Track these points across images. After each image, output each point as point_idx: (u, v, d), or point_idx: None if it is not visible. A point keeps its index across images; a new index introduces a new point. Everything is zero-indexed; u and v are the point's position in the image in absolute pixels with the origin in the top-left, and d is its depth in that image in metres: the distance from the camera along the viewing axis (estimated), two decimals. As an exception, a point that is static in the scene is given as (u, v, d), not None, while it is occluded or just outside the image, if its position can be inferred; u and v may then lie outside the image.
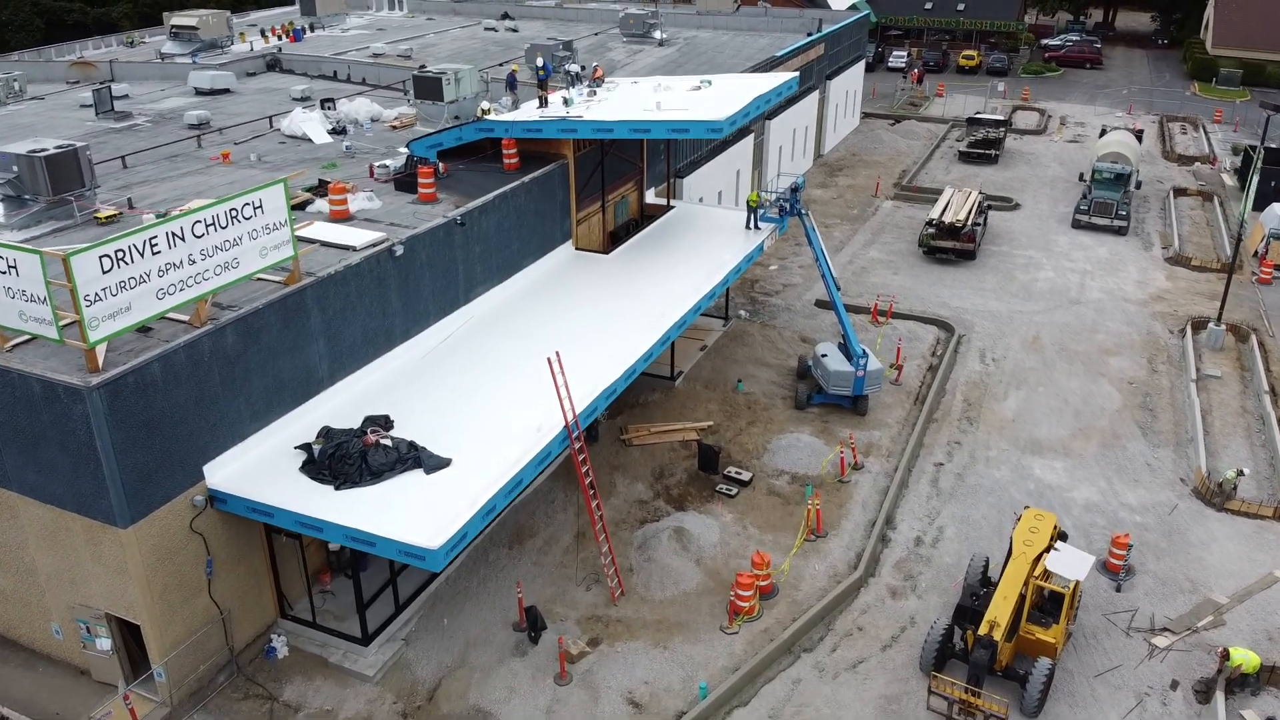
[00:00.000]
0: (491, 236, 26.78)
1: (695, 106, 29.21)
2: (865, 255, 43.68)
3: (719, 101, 29.78)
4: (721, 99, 30.04)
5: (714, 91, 31.67)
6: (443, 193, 27.57)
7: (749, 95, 29.31)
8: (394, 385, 22.70)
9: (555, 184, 29.64)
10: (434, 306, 24.81)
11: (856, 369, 29.10)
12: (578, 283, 28.81)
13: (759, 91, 29.70)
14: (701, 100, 30.41)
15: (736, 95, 30.04)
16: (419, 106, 36.07)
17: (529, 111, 30.63)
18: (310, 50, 49.80)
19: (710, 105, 29.38)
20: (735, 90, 31.62)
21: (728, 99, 29.53)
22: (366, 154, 32.03)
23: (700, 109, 28.72)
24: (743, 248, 32.08)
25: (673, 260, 31.03)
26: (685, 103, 29.88)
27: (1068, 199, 51.54)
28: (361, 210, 26.08)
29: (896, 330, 35.77)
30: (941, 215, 42.31)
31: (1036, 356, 34.41)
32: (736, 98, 29.23)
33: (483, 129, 29.67)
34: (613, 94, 32.75)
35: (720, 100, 29.93)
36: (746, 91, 30.24)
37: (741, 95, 29.66)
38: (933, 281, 40.68)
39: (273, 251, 20.21)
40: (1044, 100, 74.07)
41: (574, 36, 54.31)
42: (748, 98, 28.86)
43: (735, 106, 27.91)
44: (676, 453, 28.02)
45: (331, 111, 36.08)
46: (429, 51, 50.07)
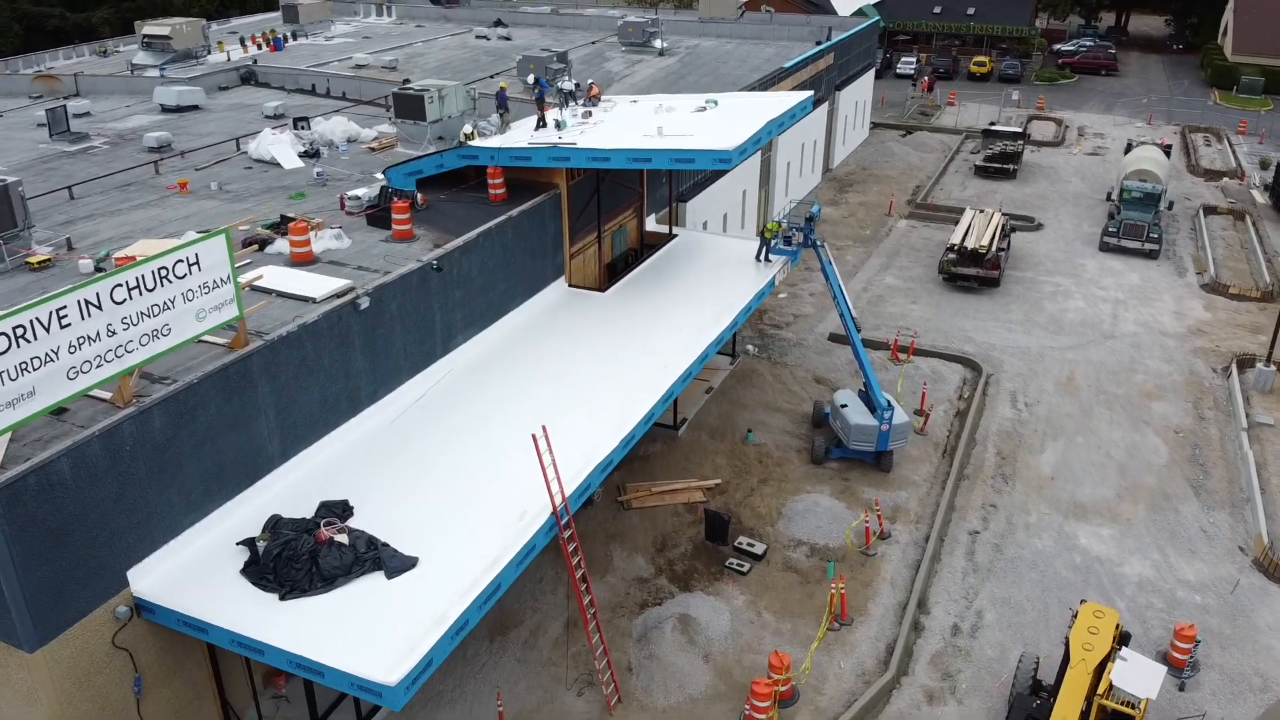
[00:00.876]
0: (474, 278, 23.92)
1: (700, 131, 26.37)
2: (881, 281, 40.81)
3: (727, 126, 26.95)
4: (729, 122, 27.20)
5: (720, 113, 28.84)
6: (421, 228, 24.76)
7: (760, 119, 26.44)
8: (357, 459, 19.82)
9: (546, 216, 26.79)
10: (406, 362, 21.94)
11: (880, 422, 26.23)
12: (571, 327, 25.94)
13: (771, 115, 26.84)
14: (707, 124, 27.59)
15: (746, 118, 27.17)
16: (399, 126, 33.19)
17: (516, 136, 27.80)
18: (290, 61, 46.95)
19: (717, 130, 26.55)
20: (744, 111, 28.78)
21: (736, 123, 26.68)
22: (340, 181, 29.17)
23: (706, 134, 25.88)
24: (753, 283, 29.21)
25: (676, 298, 28.16)
26: (689, 126, 27.04)
27: (1092, 218, 48.69)
28: (327, 251, 23.23)
29: (919, 370, 32.91)
30: (963, 240, 39.44)
31: (1072, 401, 31.54)
32: (746, 122, 26.36)
33: (465, 156, 26.84)
34: (610, 114, 29.93)
35: (728, 124, 27.09)
36: (757, 114, 27.37)
37: (751, 119, 26.78)
38: (954, 312, 37.81)
39: (212, 314, 17.34)
40: (1060, 109, 71.22)
41: (570, 45, 51.49)
42: (759, 122, 25.99)
43: (745, 133, 25.05)
44: (681, 518, 25.16)
45: (305, 132, 33.21)
46: (416, 62, 47.21)
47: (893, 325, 36.34)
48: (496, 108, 28.96)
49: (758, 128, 25.62)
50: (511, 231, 25.18)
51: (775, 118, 26.86)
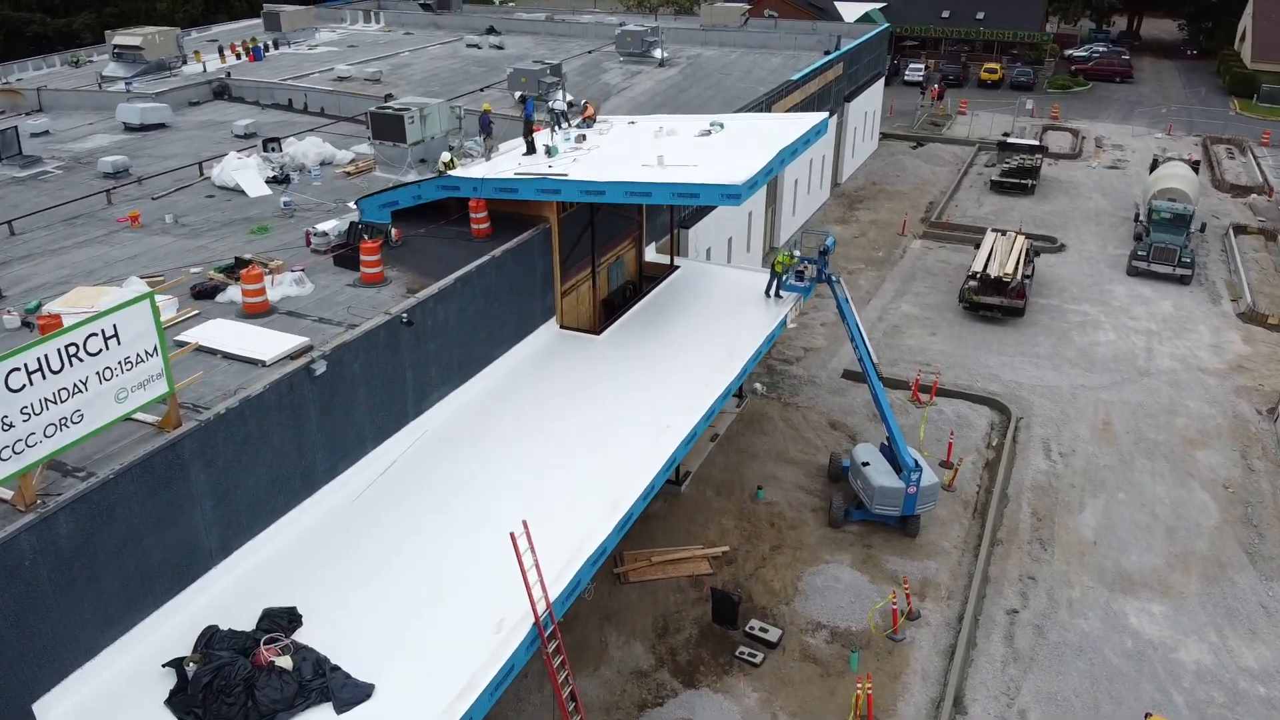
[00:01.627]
0: (452, 328, 21.29)
1: (705, 160, 23.78)
2: (896, 310, 38.19)
3: (734, 154, 24.36)
4: (737, 150, 24.61)
5: (727, 137, 26.26)
6: (395, 268, 22.17)
7: (771, 147, 23.82)
8: (310, 549, 17.18)
9: (534, 253, 24.18)
10: (372, 429, 19.32)
11: (907, 485, 23.62)
12: (561, 378, 23.30)
13: (783, 142, 24.22)
14: (712, 151, 24.99)
15: (755, 145, 24.57)
16: (378, 148, 30.57)
17: (503, 163, 25.20)
18: (268, 73, 44.32)
19: (724, 159, 23.95)
20: (753, 136, 26.19)
21: (745, 151, 24.08)
22: (309, 211, 26.58)
23: (712, 165, 23.27)
24: (762, 324, 26.60)
25: (678, 341, 25.54)
26: (692, 154, 24.45)
27: (1116, 238, 46.09)
28: (286, 299, 20.62)
29: (942, 414, 30.30)
30: (985, 267, 36.82)
31: (1110, 449, 28.91)
32: (756, 150, 23.74)
33: (445, 187, 24.23)
34: (606, 137, 27.36)
35: (736, 152, 24.49)
36: (767, 141, 24.75)
37: (762, 146, 24.17)
38: (977, 344, 35.19)
39: (136, 393, 14.71)
40: (1075, 119, 68.61)
41: (565, 55, 48.91)
42: (770, 151, 23.37)
43: (755, 164, 22.42)
44: (684, 594, 22.55)
45: (274, 154, 30.59)
46: (402, 74, 44.59)
47: (912, 360, 33.74)
48: (479, 132, 26.33)
49: (769, 157, 23.00)
50: (495, 273, 22.57)
51: (788, 145, 24.24)
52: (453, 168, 24.69)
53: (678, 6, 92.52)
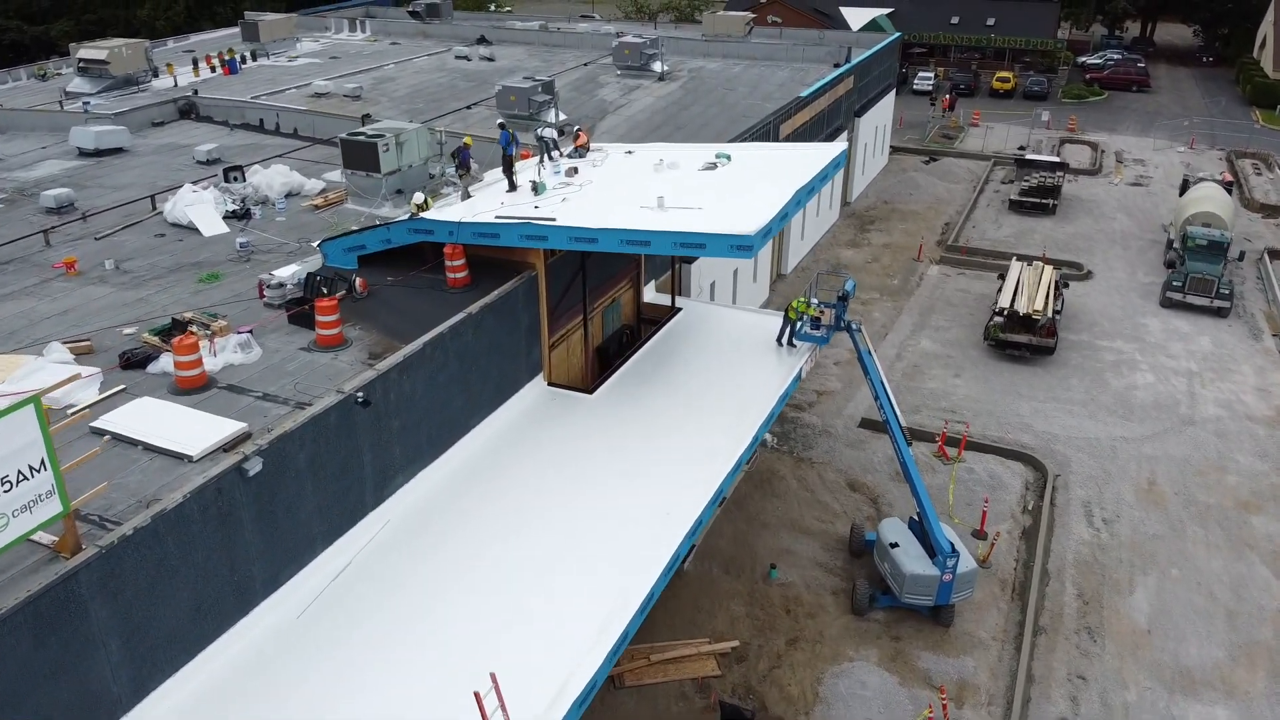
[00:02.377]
0: (420, 400, 18.50)
1: (711, 200, 21.00)
2: (916, 346, 35.39)
3: (743, 194, 21.61)
4: (746, 188, 21.85)
5: (734, 171, 23.48)
6: (357, 326, 19.48)
7: (785, 186, 21.00)
8: (243, 684, 14.36)
9: (519, 304, 21.39)
10: (321, 528, 16.52)
11: (942, 571, 20.81)
12: (547, 449, 20.49)
13: (799, 181, 21.40)
14: (718, 188, 22.22)
15: (767, 183, 21.80)
16: (350, 179, 27.80)
17: (484, 201, 22.44)
18: (243, 87, 41.56)
19: (732, 200, 21.20)
20: (763, 170, 23.44)
21: (756, 190, 21.31)
22: (269, 253, 23.82)
23: (719, 207, 20.50)
24: (775, 378, 23.82)
25: (680, 399, 22.74)
26: (696, 192, 21.67)
27: (1145, 263, 43.31)
28: (229, 368, 17.85)
29: (972, 472, 27.50)
30: (1013, 302, 34.01)
31: (1159, 515, 26.12)
32: (767, 189, 20.95)
33: (418, 231, 21.46)
34: (600, 170, 24.59)
35: (745, 191, 21.74)
36: (781, 178, 21.96)
37: (774, 184, 21.37)
38: (1005, 388, 32.39)
39: (20, 517, 11.94)
40: (1092, 131, 65.82)
41: (559, 68, 46.15)
42: (784, 191, 20.55)
43: (768, 209, 19.61)
44: (689, 702, 19.75)
45: (236, 184, 27.81)
46: (384, 89, 41.80)
47: (935, 406, 30.95)
48: (456, 169, 23.53)
49: (784, 199, 20.18)
50: (472, 332, 19.77)
51: (804, 184, 21.43)
52: (426, 209, 21.88)
53: (678, 13, 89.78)
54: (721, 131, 36.14)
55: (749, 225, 18.77)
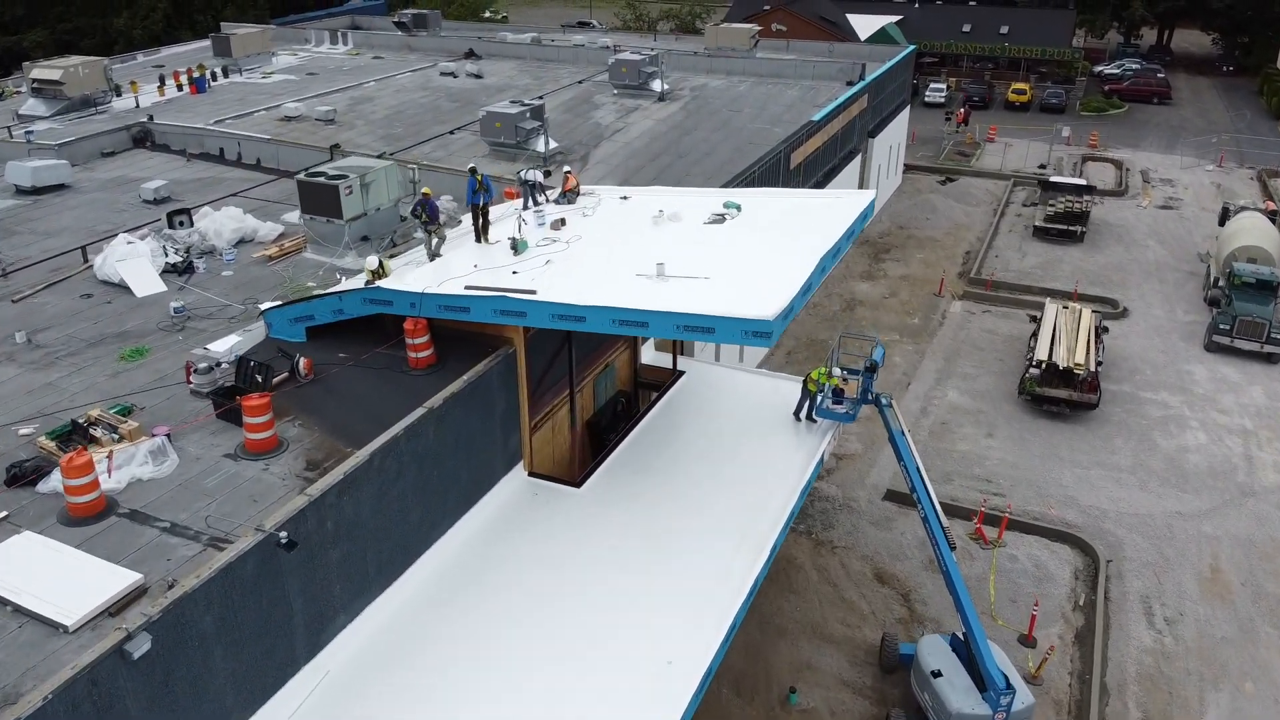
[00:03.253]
0: (367, 521, 15.26)
1: (720, 266, 17.80)
2: (942, 399, 32.14)
3: (757, 256, 18.41)
4: (761, 250, 18.65)
5: (746, 226, 20.28)
6: (298, 421, 16.32)
7: (807, 252, 17.77)
8: None
9: (493, 387, 18.16)
10: (238, 699, 13.25)
11: (995, 709, 17.55)
12: (523, 566, 17.21)
13: (823, 243, 18.18)
14: (728, 248, 19.04)
15: (786, 245, 18.63)
16: (309, 225, 24.60)
17: (456, 262, 19.25)
18: (210, 107, 38.39)
19: (744, 264, 18.03)
20: (778, 223, 20.24)
21: (771, 253, 18.13)
22: (207, 319, 20.63)
23: (729, 276, 17.30)
24: (794, 463, 20.60)
25: (683, 491, 19.54)
26: (702, 254, 18.47)
27: (1183, 298, 40.08)
28: (135, 487, 14.67)
29: (1015, 559, 24.26)
30: (1051, 353, 30.75)
31: (1225, 611, 22.90)
32: (787, 255, 17.75)
33: (374, 301, 18.24)
34: (591, 220, 21.43)
35: (759, 253, 18.54)
36: (800, 237, 18.77)
37: (794, 247, 18.18)
38: (1044, 450, 29.15)
39: None
40: (1115, 147, 62.57)
41: (552, 86, 42.96)
42: (806, 259, 17.32)
43: (788, 282, 16.39)
44: None
45: (182, 230, 24.61)
46: (361, 111, 38.59)
47: (968, 474, 27.73)
48: (421, 224, 20.28)
49: (807, 270, 16.95)
50: (434, 429, 16.54)
51: (830, 248, 18.22)
52: (384, 275, 18.64)
53: (678, 21, 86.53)
54: (726, 161, 32.97)
55: (766, 306, 15.53)
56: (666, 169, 32.28)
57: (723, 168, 32.24)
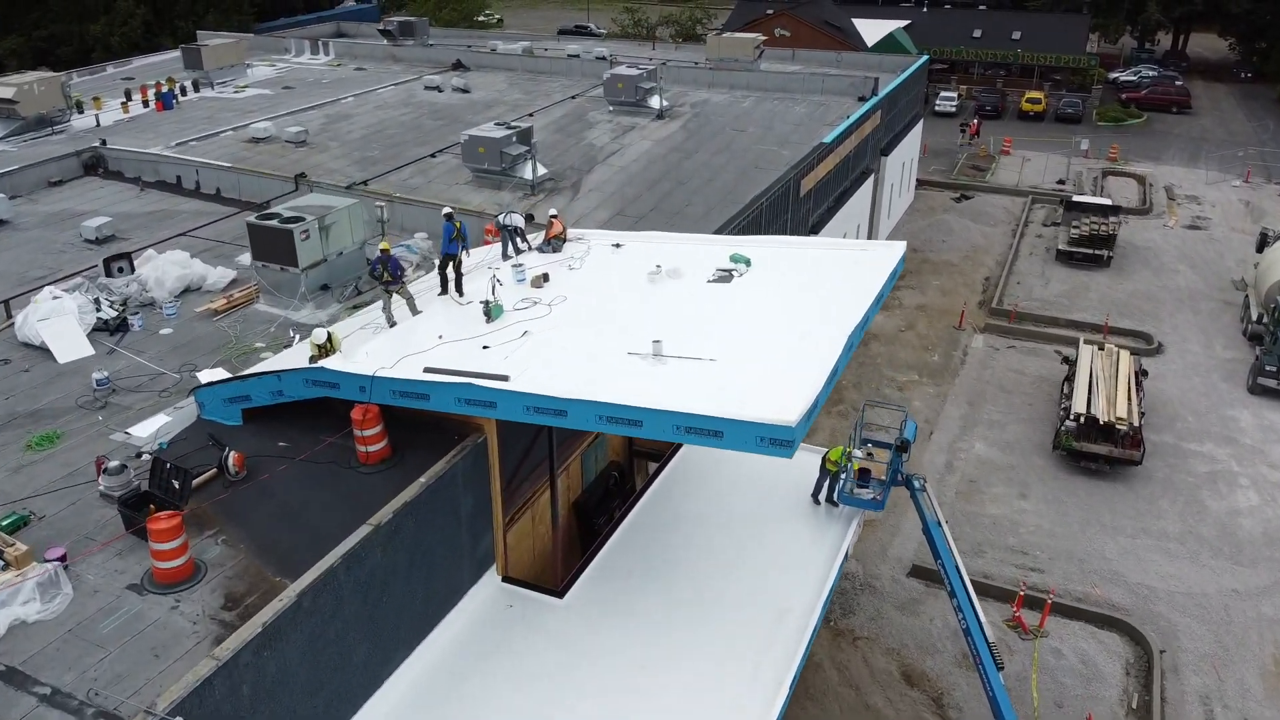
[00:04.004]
0: (295, 678, 12.47)
1: (727, 344, 15.03)
2: (969, 451, 29.35)
3: (770, 329, 15.63)
4: (775, 322, 15.85)
5: (757, 286, 17.53)
6: (221, 537, 13.63)
7: (833, 324, 14.99)
8: None
9: (459, 486, 15.39)
10: None
11: None
12: (497, 703, 14.45)
13: (850, 316, 15.39)
14: (736, 318, 16.26)
15: (806, 314, 15.84)
16: (261, 273, 21.83)
17: (421, 331, 16.47)
18: (174, 126, 35.64)
19: (754, 339, 15.23)
20: (794, 284, 17.49)
21: (789, 326, 15.32)
22: (135, 393, 17.86)
23: (738, 358, 14.52)
24: (815, 556, 17.86)
25: (688, 597, 16.80)
26: (706, 328, 15.72)
27: (1220, 332, 37.28)
28: (14, 630, 11.97)
29: (1060, 653, 21.47)
30: (1089, 404, 27.94)
31: (1304, 716, 20.12)
32: (808, 330, 14.96)
33: (319, 384, 15.46)
34: (578, 276, 18.68)
35: (773, 326, 15.75)
36: (822, 302, 16.00)
37: (816, 315, 15.40)
38: (1083, 514, 26.37)
39: None
40: (1136, 160, 59.71)
41: (543, 102, 40.20)
42: (832, 336, 14.53)
43: (812, 372, 13.61)
44: None
45: (121, 278, 21.86)
46: (336, 130, 35.79)
47: (1001, 544, 24.96)
48: (381, 284, 17.48)
49: (834, 353, 14.17)
50: (382, 549, 13.76)
51: (860, 320, 15.43)
52: (331, 350, 15.84)
53: (678, 27, 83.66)
54: (730, 189, 30.20)
55: (786, 406, 12.73)
56: (666, 198, 29.52)
57: (727, 196, 29.48)
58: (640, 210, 28.49)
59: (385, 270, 17.08)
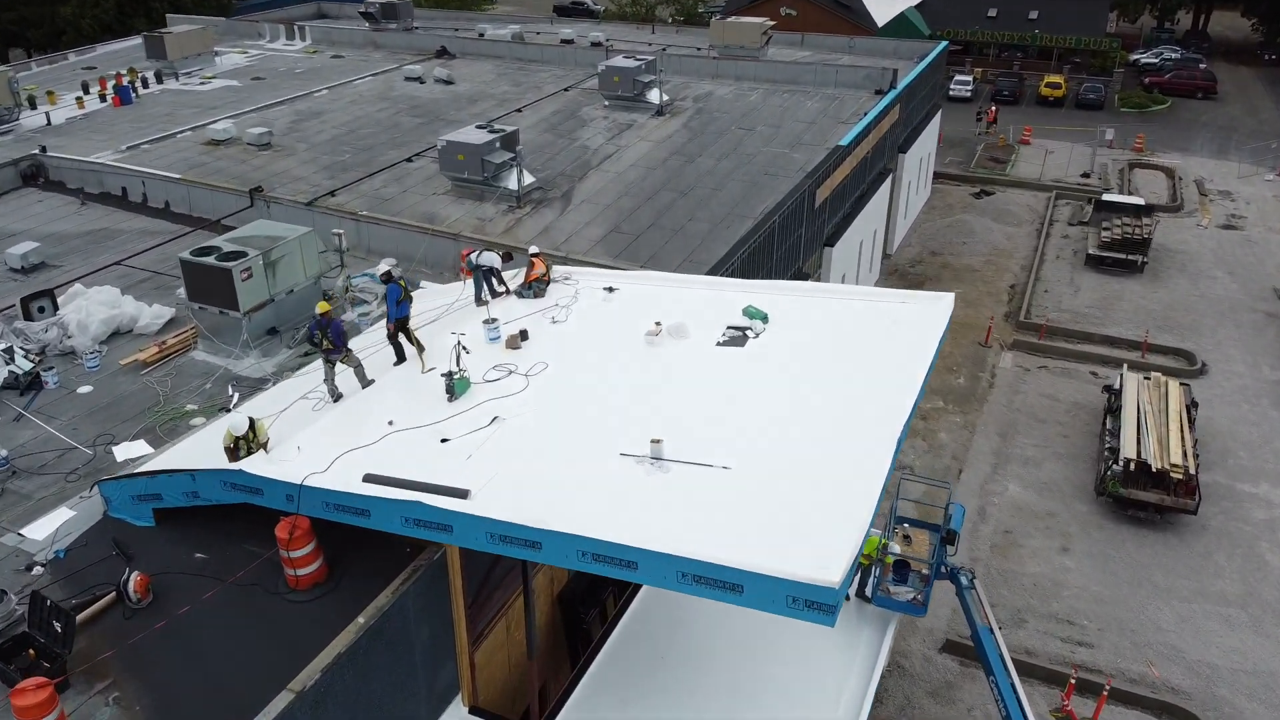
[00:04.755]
0: None
1: (744, 438, 12.15)
2: (1002, 494, 26.53)
3: (794, 417, 12.74)
4: (800, 408, 12.94)
5: (775, 352, 14.57)
6: (112, 695, 10.96)
7: (881, 433, 12.06)
8: None
9: (410, 620, 12.48)
10: None
11: None
12: None
13: (900, 409, 12.45)
14: (752, 395, 13.36)
15: (836, 400, 12.93)
16: (199, 316, 18.91)
17: (374, 414, 13.58)
18: (130, 126, 32.53)
19: (775, 434, 12.36)
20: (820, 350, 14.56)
21: (821, 428, 12.40)
22: (38, 476, 15.00)
23: (756, 467, 11.61)
24: (848, 677, 15.03)
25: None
26: (717, 411, 12.83)
27: (1265, 348, 34.38)
28: None
29: (1116, 755, 18.77)
30: (1139, 448, 25.06)
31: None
32: (846, 431, 12.06)
33: (239, 488, 12.58)
34: (561, 332, 15.78)
35: (798, 412, 12.85)
36: (863, 392, 13.06)
37: (856, 414, 12.48)
38: (1132, 573, 23.59)
39: None
40: (1162, 151, 56.43)
41: (533, 95, 37.04)
42: (880, 450, 11.60)
43: (858, 505, 10.69)
44: None
45: (41, 320, 18.97)
46: (304, 130, 32.65)
47: (1043, 611, 22.22)
48: (321, 353, 14.54)
49: (883, 466, 11.25)
50: (311, 711, 10.92)
51: (911, 409, 12.50)
52: (254, 445, 12.91)
53: (679, 6, 79.92)
54: (738, 199, 27.20)
55: (825, 557, 9.84)
56: (666, 211, 26.51)
57: (734, 209, 26.49)
58: (638, 226, 25.53)
59: (325, 337, 14.10)
